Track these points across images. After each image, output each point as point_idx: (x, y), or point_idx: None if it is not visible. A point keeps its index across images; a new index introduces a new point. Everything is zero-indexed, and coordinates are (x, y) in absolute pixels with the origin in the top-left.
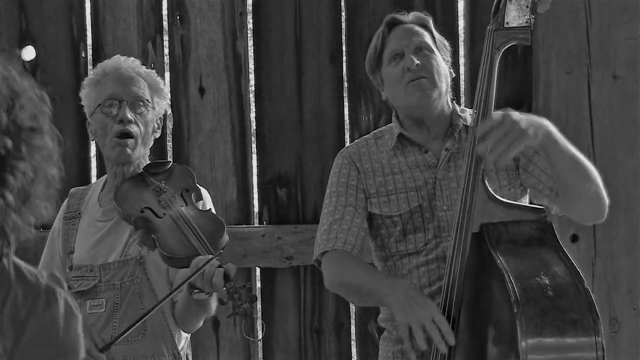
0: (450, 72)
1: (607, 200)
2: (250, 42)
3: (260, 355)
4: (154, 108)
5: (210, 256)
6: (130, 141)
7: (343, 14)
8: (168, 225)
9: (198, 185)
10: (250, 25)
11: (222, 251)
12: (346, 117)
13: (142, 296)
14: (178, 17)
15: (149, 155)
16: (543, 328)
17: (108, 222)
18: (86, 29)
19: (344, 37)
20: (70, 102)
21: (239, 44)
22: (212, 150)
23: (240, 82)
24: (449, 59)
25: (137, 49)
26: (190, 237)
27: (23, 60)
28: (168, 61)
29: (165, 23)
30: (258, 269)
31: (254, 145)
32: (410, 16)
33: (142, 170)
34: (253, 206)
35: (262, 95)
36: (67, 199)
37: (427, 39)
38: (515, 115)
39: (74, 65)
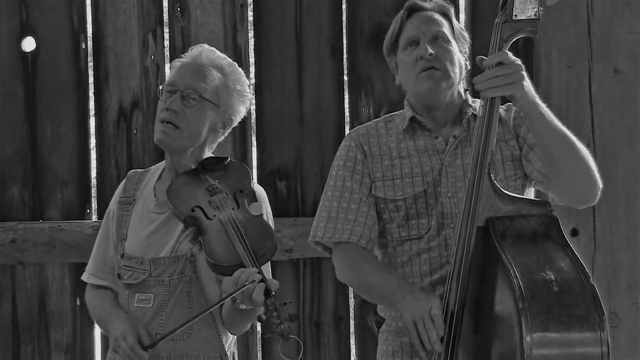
0: (466, 64)
1: (599, 183)
2: (251, 34)
3: (259, 348)
4: (216, 105)
5: (254, 269)
6: (174, 131)
7: (344, 6)
8: (216, 228)
9: (253, 186)
10: (250, 18)
11: (261, 275)
12: (346, 110)
13: (191, 295)
14: (178, 9)
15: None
16: (548, 323)
17: (161, 214)
18: (86, 20)
19: (344, 30)
20: (71, 94)
21: (240, 37)
22: None
23: None
24: (467, 50)
25: (138, 40)
26: (236, 244)
27: (23, 51)
28: (168, 53)
29: (165, 15)
30: None
31: (253, 138)
32: (432, 3)
33: (198, 165)
34: None
35: (262, 88)
36: (124, 181)
37: (445, 28)
38: (520, 68)
39: (74, 56)
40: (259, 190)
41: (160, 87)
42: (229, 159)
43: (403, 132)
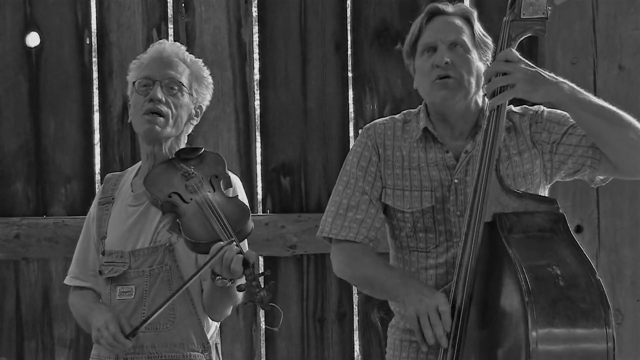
0: None
1: None
2: (255, 30)
3: (263, 343)
4: (191, 94)
5: (231, 240)
6: (160, 119)
7: (348, 2)
8: (193, 210)
9: (228, 173)
10: (255, 14)
11: (234, 239)
12: (350, 106)
13: (171, 283)
14: (183, 5)
15: (186, 143)
16: (554, 318)
17: (139, 207)
18: (91, 15)
19: (349, 26)
20: (75, 89)
21: (244, 32)
22: (216, 139)
23: (244, 70)
24: (489, 57)
25: (142, 36)
26: (213, 222)
27: (27, 47)
28: None
29: (170, 10)
30: (261, 258)
31: (258, 134)
32: (454, 7)
33: (173, 155)
34: (257, 194)
35: (266, 83)
36: (102, 185)
37: (465, 36)
38: (524, 65)
39: (78, 52)
40: (234, 178)
41: (134, 83)
42: (203, 149)
43: (417, 141)
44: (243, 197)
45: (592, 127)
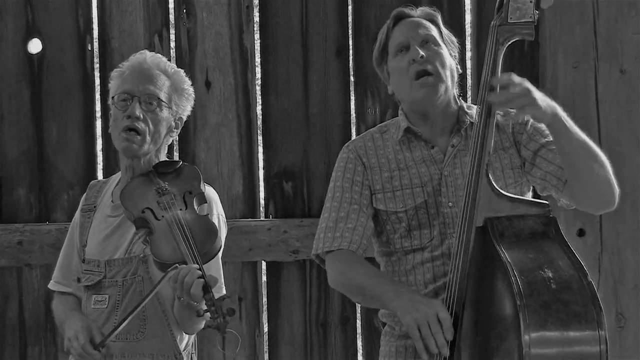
0: (457, 68)
1: (617, 189)
2: (257, 36)
3: (266, 349)
4: (170, 108)
5: (195, 265)
6: (137, 137)
7: (349, 7)
8: (163, 228)
9: (203, 188)
10: (256, 19)
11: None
12: (352, 111)
13: (143, 295)
14: (185, 11)
15: (167, 154)
16: (546, 321)
17: (117, 217)
18: (92, 21)
19: (350, 31)
20: (77, 96)
21: (246, 38)
22: (218, 144)
23: (246, 75)
24: (456, 54)
25: (144, 42)
26: (180, 242)
27: (29, 53)
28: (174, 55)
29: (171, 16)
30: (264, 263)
31: (260, 139)
32: (418, 11)
33: (151, 168)
34: (259, 200)
35: (268, 88)
36: (86, 191)
37: (434, 32)
38: (531, 86)
39: (80, 58)
40: (210, 192)
41: (113, 97)
42: (180, 163)
43: (399, 143)
44: (219, 211)
45: (570, 156)
